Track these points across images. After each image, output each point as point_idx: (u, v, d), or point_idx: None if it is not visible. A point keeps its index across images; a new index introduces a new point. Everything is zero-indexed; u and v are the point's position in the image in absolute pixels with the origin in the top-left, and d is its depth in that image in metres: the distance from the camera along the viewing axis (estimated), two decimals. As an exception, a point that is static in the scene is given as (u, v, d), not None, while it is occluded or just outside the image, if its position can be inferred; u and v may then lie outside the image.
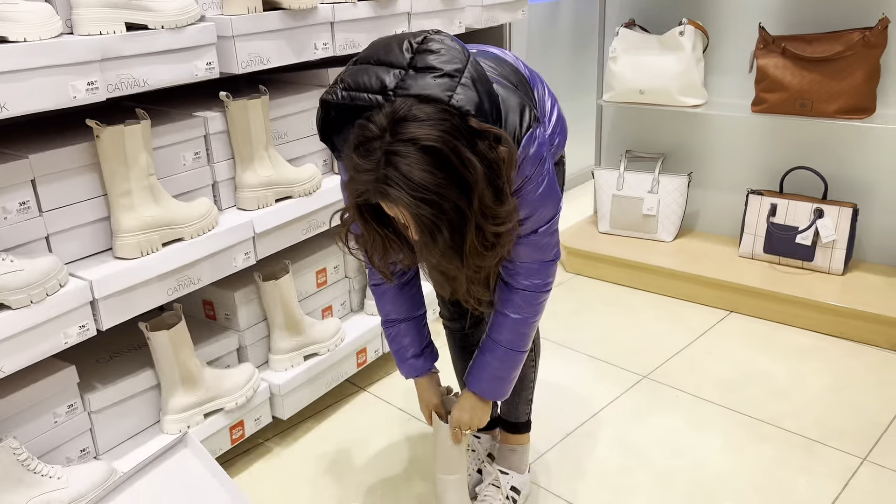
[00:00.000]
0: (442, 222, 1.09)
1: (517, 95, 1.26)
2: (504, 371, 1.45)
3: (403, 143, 1.06)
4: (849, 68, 2.32)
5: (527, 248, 1.34)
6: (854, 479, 1.75)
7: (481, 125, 1.11)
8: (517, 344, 1.43)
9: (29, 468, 1.39)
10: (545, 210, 1.31)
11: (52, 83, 1.32)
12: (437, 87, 1.10)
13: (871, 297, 2.36)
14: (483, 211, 1.11)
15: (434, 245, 1.12)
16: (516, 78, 1.34)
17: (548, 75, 3.57)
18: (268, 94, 1.77)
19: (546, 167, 1.28)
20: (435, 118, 1.08)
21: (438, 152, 1.06)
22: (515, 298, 1.39)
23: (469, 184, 1.08)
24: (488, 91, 1.17)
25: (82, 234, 1.53)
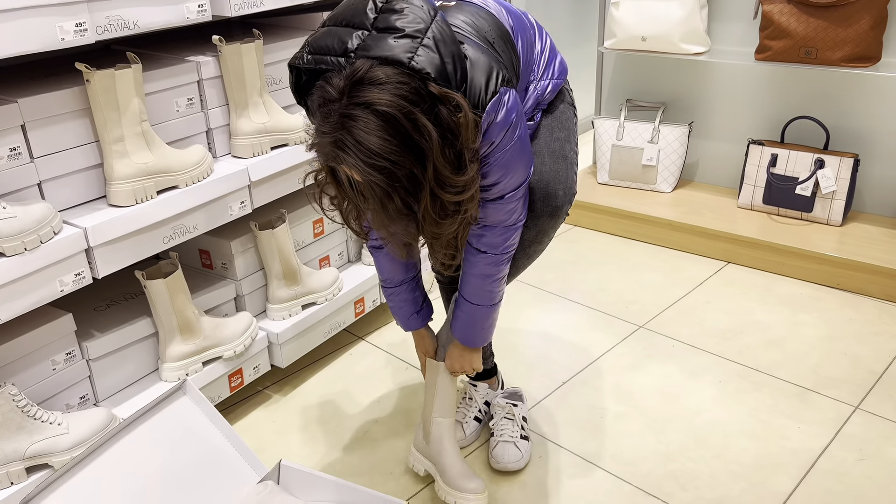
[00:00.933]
0: (394, 190, 1.07)
1: (487, 56, 1.21)
2: (478, 323, 1.50)
3: (358, 107, 1.04)
4: (855, 14, 2.27)
5: (491, 212, 1.33)
6: (846, 427, 1.78)
7: (441, 90, 1.09)
8: (485, 299, 1.46)
9: (29, 414, 1.40)
10: (513, 177, 1.28)
11: (38, 24, 1.29)
12: (397, 49, 1.08)
13: (869, 248, 2.36)
14: (438, 179, 1.09)
15: (384, 212, 1.10)
16: (495, 32, 1.29)
17: (548, 22, 3.50)
18: (262, 39, 1.73)
19: (517, 133, 1.24)
20: (393, 81, 1.05)
21: (392, 118, 1.04)
22: (478, 259, 1.40)
23: (423, 151, 1.06)
24: (453, 52, 1.13)
25: (75, 180, 1.51)
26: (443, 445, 1.59)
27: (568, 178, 1.47)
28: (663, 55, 2.67)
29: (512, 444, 1.68)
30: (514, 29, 1.36)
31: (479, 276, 1.43)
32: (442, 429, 1.60)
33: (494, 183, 1.28)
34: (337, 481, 1.49)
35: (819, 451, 1.71)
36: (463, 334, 1.53)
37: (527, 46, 1.39)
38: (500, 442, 1.69)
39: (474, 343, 1.54)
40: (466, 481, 1.54)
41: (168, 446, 1.47)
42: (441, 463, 1.58)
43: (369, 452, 1.76)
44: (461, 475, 1.55)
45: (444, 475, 1.56)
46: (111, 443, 1.42)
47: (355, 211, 1.21)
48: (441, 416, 1.60)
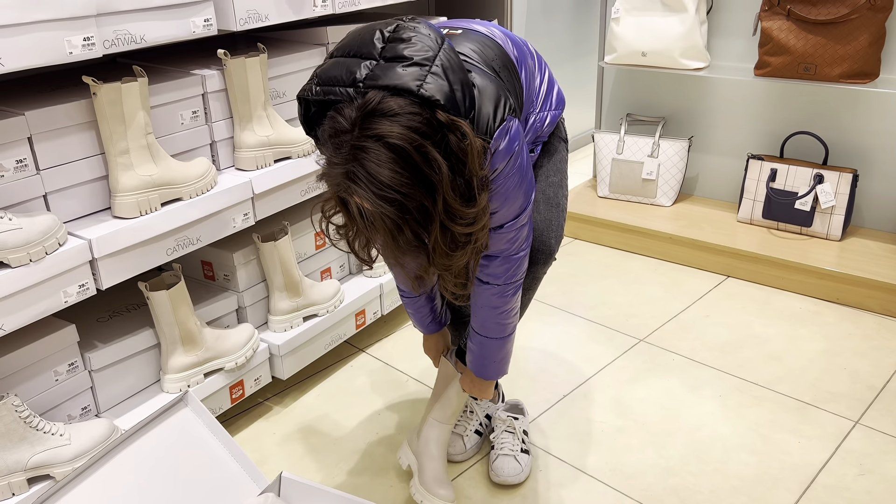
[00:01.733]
0: (405, 222, 1.07)
1: (495, 84, 1.22)
2: (489, 355, 1.49)
3: (370, 140, 1.04)
4: (854, 32, 2.30)
5: (496, 242, 1.32)
6: (846, 442, 1.78)
7: (448, 118, 1.09)
8: (494, 331, 1.44)
9: (31, 425, 1.41)
10: (512, 206, 1.27)
11: (47, 38, 1.30)
12: (406, 77, 1.08)
13: (868, 263, 2.37)
14: (449, 211, 1.09)
15: (394, 243, 1.10)
16: (501, 62, 1.30)
17: (549, 36, 3.53)
18: (266, 53, 1.75)
19: (518, 162, 1.24)
20: (404, 112, 1.05)
21: (404, 151, 1.04)
22: (483, 290, 1.39)
23: (434, 184, 1.06)
24: (462, 80, 1.14)
25: (80, 192, 1.52)
26: (428, 447, 1.60)
27: (559, 225, 1.50)
28: (663, 70, 2.69)
29: (512, 458, 1.68)
30: (517, 59, 1.37)
31: (486, 307, 1.41)
32: (433, 431, 1.61)
33: (494, 211, 1.27)
34: (338, 494, 1.49)
35: (819, 465, 1.71)
36: (476, 367, 1.52)
37: (529, 77, 1.41)
38: (501, 455, 1.69)
39: (487, 376, 1.53)
40: (438, 486, 1.55)
41: (169, 458, 1.47)
42: (422, 462, 1.59)
43: (369, 464, 1.76)
44: (435, 479, 1.56)
45: (421, 475, 1.58)
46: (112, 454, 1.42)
47: (364, 240, 1.20)
48: (437, 419, 1.61)
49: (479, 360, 1.51)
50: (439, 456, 1.60)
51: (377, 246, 1.17)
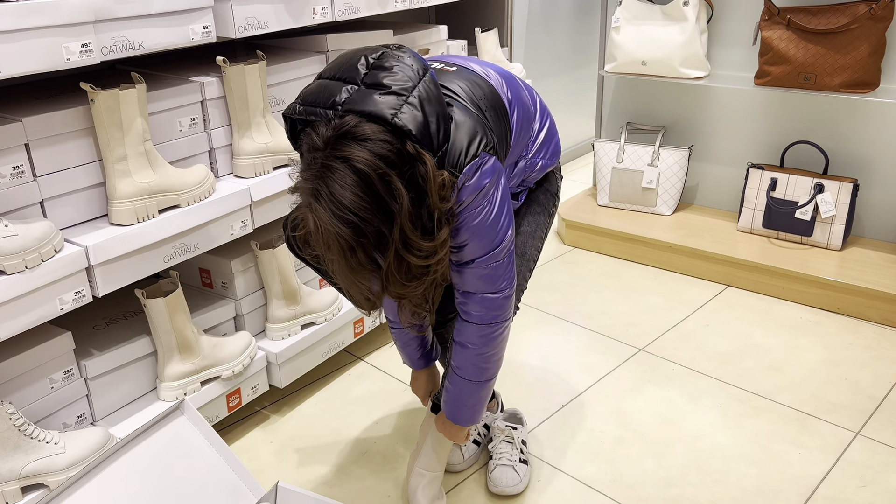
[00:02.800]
0: (359, 245, 1.09)
1: (473, 120, 1.23)
2: (463, 398, 1.45)
3: (338, 161, 1.07)
4: (854, 41, 2.30)
5: (469, 278, 1.30)
6: (847, 453, 1.77)
7: (417, 150, 1.10)
8: (472, 374, 1.41)
9: (26, 433, 1.40)
10: (482, 241, 1.25)
11: (45, 45, 1.30)
12: (382, 105, 1.11)
13: (869, 272, 2.36)
14: (405, 241, 1.11)
15: (346, 263, 1.11)
16: (488, 102, 1.30)
17: (549, 45, 3.54)
18: (265, 60, 1.74)
19: (489, 199, 1.22)
20: (375, 139, 1.08)
21: (368, 177, 1.06)
22: (468, 330, 1.36)
23: (393, 213, 1.08)
24: (438, 112, 1.15)
25: (77, 199, 1.51)
26: (416, 497, 1.58)
27: (521, 275, 1.49)
28: (663, 79, 2.69)
29: (510, 468, 1.67)
30: (509, 101, 1.37)
31: (467, 345, 1.37)
32: (418, 481, 1.58)
33: (462, 244, 1.25)
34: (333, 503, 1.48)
35: (820, 477, 1.70)
36: (448, 408, 1.49)
37: (523, 122, 1.41)
38: (499, 465, 1.68)
39: (457, 420, 1.48)
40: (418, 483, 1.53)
41: (165, 466, 1.46)
42: None
43: (367, 474, 1.75)
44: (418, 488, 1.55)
45: None
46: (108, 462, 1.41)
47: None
48: (422, 467, 1.59)
49: (453, 401, 1.46)
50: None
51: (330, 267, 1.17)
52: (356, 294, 1.20)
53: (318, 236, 1.10)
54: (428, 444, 1.59)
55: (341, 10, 1.87)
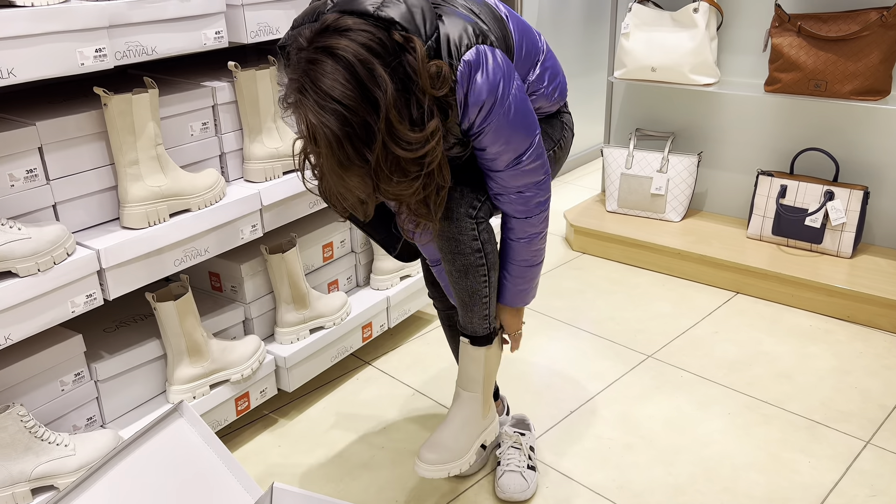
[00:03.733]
0: (346, 136, 1.08)
1: (465, 19, 1.22)
2: (525, 283, 1.48)
3: (321, 52, 1.08)
4: (865, 49, 2.29)
5: (515, 177, 1.31)
6: (857, 462, 1.76)
7: (402, 35, 1.11)
8: (533, 260, 1.46)
9: (36, 435, 1.40)
10: (520, 136, 1.27)
11: (59, 49, 1.31)
12: (365, 2, 1.12)
13: (879, 280, 2.35)
14: (391, 132, 1.10)
15: (334, 157, 1.10)
16: (487, 15, 1.29)
17: (559, 51, 3.54)
18: (277, 65, 1.75)
19: (510, 91, 1.23)
20: (357, 29, 1.09)
21: (350, 65, 1.07)
22: (517, 225, 1.39)
23: (377, 101, 1.08)
24: (422, 5, 1.16)
25: (89, 203, 1.52)
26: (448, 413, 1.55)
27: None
28: (673, 86, 2.69)
29: (518, 474, 1.66)
30: (507, 17, 1.36)
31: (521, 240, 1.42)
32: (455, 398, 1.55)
33: (503, 149, 1.26)
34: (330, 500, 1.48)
35: (830, 486, 1.69)
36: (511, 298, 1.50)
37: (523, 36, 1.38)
38: (507, 471, 1.67)
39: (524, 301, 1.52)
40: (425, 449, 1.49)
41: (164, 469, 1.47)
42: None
43: (374, 479, 1.75)
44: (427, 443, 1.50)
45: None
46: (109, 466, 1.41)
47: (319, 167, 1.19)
48: (460, 385, 1.55)
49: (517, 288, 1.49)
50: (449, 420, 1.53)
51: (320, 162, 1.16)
52: (347, 195, 1.18)
53: (306, 131, 1.11)
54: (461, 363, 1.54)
55: (352, 16, 1.87)
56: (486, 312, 1.48)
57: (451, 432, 1.51)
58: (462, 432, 1.52)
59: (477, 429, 1.55)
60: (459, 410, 1.53)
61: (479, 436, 1.56)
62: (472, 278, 1.42)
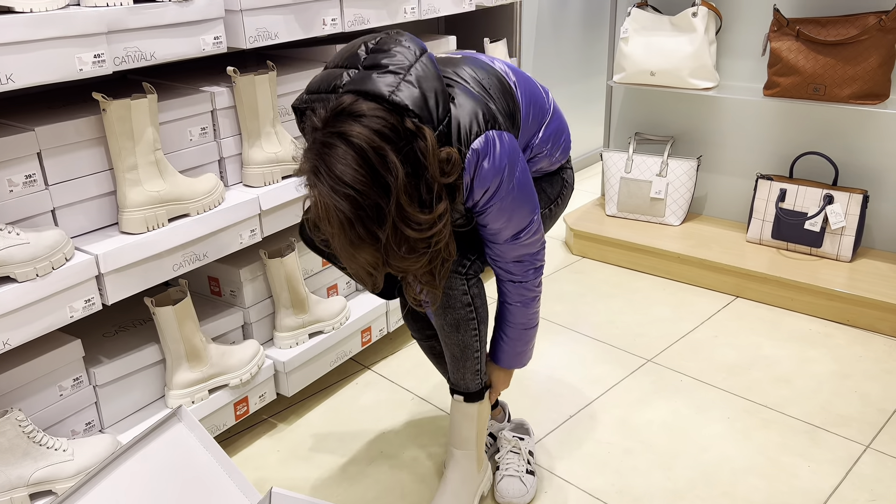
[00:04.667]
0: (357, 218, 1.11)
1: (476, 99, 1.26)
2: (522, 345, 1.55)
3: (335, 137, 1.10)
4: (864, 53, 2.29)
5: (513, 249, 1.39)
6: (857, 467, 1.76)
7: (416, 125, 1.13)
8: (529, 322, 1.52)
9: (34, 440, 1.40)
10: (521, 215, 1.33)
11: (58, 55, 1.31)
12: (380, 83, 1.14)
13: (879, 284, 2.35)
14: (402, 214, 1.13)
15: (345, 237, 1.14)
16: (494, 84, 1.34)
17: (558, 56, 3.54)
18: (275, 70, 1.76)
19: (514, 174, 1.28)
20: (371, 115, 1.11)
21: (363, 151, 1.09)
22: (513, 289, 1.46)
23: (389, 186, 1.11)
24: (436, 88, 1.18)
25: (88, 208, 1.53)
26: (444, 475, 1.61)
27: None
28: (672, 90, 2.69)
29: (517, 479, 1.66)
30: (516, 84, 1.40)
31: (517, 304, 1.48)
32: (449, 459, 1.62)
33: (505, 225, 1.33)
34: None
35: (829, 490, 1.69)
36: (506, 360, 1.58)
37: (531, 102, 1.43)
38: (506, 476, 1.67)
39: (519, 363, 1.60)
40: None
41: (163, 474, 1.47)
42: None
43: (373, 484, 1.75)
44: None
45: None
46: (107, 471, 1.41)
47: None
48: (453, 445, 1.61)
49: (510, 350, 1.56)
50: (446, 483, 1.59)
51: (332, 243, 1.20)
52: (358, 269, 1.22)
53: (320, 211, 1.14)
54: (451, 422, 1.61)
55: (351, 21, 1.88)
56: (478, 367, 1.55)
57: (452, 494, 1.58)
58: (462, 490, 1.59)
59: (475, 484, 1.62)
60: (456, 471, 1.60)
61: (478, 489, 1.63)
62: (463, 332, 1.49)
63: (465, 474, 1.60)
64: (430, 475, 1.77)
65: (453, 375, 1.58)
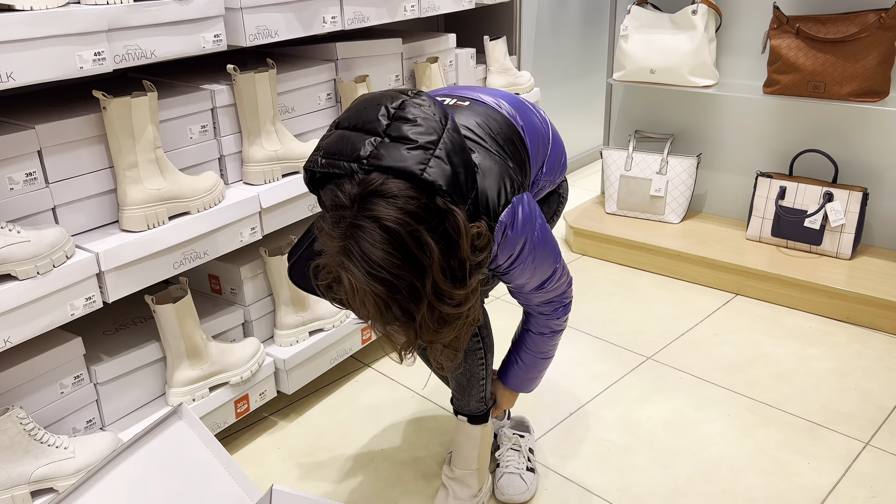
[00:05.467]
0: (393, 300, 1.08)
1: (497, 165, 1.25)
2: (536, 372, 1.58)
3: (367, 220, 1.06)
4: (863, 50, 2.29)
5: (540, 295, 1.40)
6: (856, 464, 1.76)
7: (447, 205, 1.10)
8: (549, 353, 1.55)
9: (35, 438, 1.41)
10: (545, 268, 1.35)
11: (58, 53, 1.31)
12: (410, 160, 1.08)
13: (879, 282, 2.35)
14: (437, 292, 1.10)
15: (381, 319, 1.11)
16: (505, 135, 1.33)
17: (558, 54, 3.54)
18: (275, 68, 1.76)
19: (535, 234, 1.29)
20: (403, 196, 1.07)
21: (398, 234, 1.06)
22: (537, 322, 1.48)
23: (425, 267, 1.08)
24: (465, 161, 1.15)
25: (89, 206, 1.53)
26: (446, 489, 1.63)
27: None
28: (672, 87, 2.69)
29: (518, 476, 1.67)
30: (524, 129, 1.39)
31: (540, 334, 1.50)
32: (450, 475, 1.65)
33: (530, 279, 1.34)
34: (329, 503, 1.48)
35: (829, 487, 1.69)
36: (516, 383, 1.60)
37: (538, 145, 1.43)
38: (506, 473, 1.67)
39: (527, 389, 1.63)
40: None
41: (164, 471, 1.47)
42: None
43: (374, 481, 1.75)
44: None
45: None
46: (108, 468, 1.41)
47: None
48: (455, 465, 1.64)
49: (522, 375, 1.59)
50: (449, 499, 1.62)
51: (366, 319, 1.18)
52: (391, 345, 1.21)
53: (353, 295, 1.10)
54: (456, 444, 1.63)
55: (351, 19, 1.88)
56: (482, 395, 1.59)
57: None
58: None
59: (474, 501, 1.64)
60: (456, 488, 1.63)
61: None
62: (471, 362, 1.52)
63: (467, 492, 1.62)
64: (430, 472, 1.77)
65: (458, 401, 1.61)
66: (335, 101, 2.01)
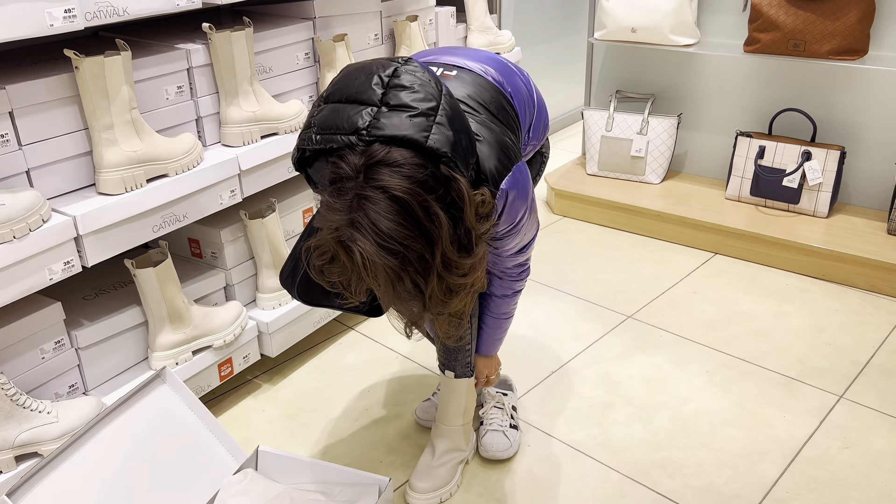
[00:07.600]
0: (405, 272, 1.07)
1: (495, 133, 1.24)
2: (501, 332, 1.62)
3: (374, 190, 1.03)
4: (843, 8, 2.29)
5: (511, 259, 1.43)
6: (830, 416, 1.80)
7: (451, 173, 1.08)
8: (510, 312, 1.58)
9: (18, 403, 1.40)
10: (531, 233, 1.38)
11: (27, 10, 1.27)
12: (412, 128, 1.06)
13: (854, 239, 2.39)
14: (446, 263, 1.09)
15: (393, 292, 1.09)
16: (496, 103, 1.31)
17: (539, 13, 3.50)
18: (252, 27, 1.72)
19: (530, 199, 1.31)
20: (409, 164, 1.05)
21: (407, 204, 1.03)
22: (499, 284, 1.51)
23: (434, 237, 1.06)
24: (464, 128, 1.14)
25: (64, 168, 1.50)
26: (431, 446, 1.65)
27: None
28: (653, 47, 2.68)
29: (501, 433, 1.69)
30: (512, 95, 1.37)
31: (501, 295, 1.52)
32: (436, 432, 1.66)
33: (509, 248, 1.37)
34: (315, 462, 1.49)
35: (804, 439, 1.73)
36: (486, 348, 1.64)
37: (525, 109, 1.43)
38: (490, 431, 1.70)
39: (495, 350, 1.66)
40: (415, 479, 1.60)
41: (148, 435, 1.47)
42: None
43: (358, 440, 1.77)
44: (416, 473, 1.61)
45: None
46: (92, 432, 1.41)
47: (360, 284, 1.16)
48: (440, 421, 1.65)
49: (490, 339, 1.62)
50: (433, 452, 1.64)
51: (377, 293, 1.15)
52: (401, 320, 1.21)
53: (364, 271, 1.07)
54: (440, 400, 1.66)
55: (328, -24, 1.84)
56: (468, 360, 1.62)
57: (438, 462, 1.62)
58: (448, 459, 1.63)
59: (461, 455, 1.66)
60: (443, 443, 1.64)
61: (462, 460, 1.67)
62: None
63: (452, 446, 1.64)
64: (414, 431, 1.79)
65: (445, 363, 1.62)
66: (314, 61, 1.97)
